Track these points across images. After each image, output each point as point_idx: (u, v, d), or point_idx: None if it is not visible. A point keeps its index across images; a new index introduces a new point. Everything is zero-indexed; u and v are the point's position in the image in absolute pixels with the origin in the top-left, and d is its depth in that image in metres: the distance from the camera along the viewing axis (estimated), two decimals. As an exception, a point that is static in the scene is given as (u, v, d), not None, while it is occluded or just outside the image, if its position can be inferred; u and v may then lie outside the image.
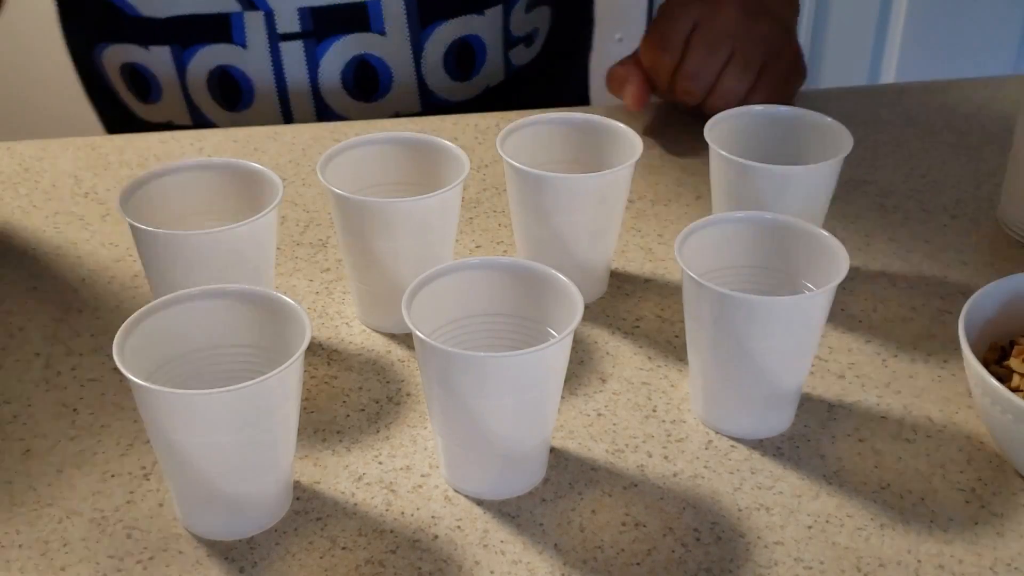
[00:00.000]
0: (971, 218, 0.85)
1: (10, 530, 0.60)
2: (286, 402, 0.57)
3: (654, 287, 0.78)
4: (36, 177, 0.89)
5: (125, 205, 0.68)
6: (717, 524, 0.61)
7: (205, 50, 0.97)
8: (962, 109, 0.99)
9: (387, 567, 0.58)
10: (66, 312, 0.75)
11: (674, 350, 0.72)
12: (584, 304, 0.60)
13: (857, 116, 0.96)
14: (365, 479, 0.63)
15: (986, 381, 0.61)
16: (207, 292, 0.61)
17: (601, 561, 0.58)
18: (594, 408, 0.68)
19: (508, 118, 0.94)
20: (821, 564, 0.58)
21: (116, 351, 0.56)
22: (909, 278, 0.79)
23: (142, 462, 0.64)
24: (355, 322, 0.75)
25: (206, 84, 1.00)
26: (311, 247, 0.81)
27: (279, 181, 0.69)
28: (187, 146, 0.93)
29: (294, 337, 0.58)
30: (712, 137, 0.74)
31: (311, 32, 0.97)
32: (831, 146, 0.75)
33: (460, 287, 0.63)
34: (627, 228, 0.83)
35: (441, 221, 0.70)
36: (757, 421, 0.66)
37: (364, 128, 0.94)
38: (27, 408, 0.68)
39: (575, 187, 0.71)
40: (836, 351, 0.72)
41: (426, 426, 0.66)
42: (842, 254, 0.63)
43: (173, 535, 0.60)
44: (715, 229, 0.67)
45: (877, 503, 0.62)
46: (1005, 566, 0.58)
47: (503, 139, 0.73)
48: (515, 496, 0.62)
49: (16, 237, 0.82)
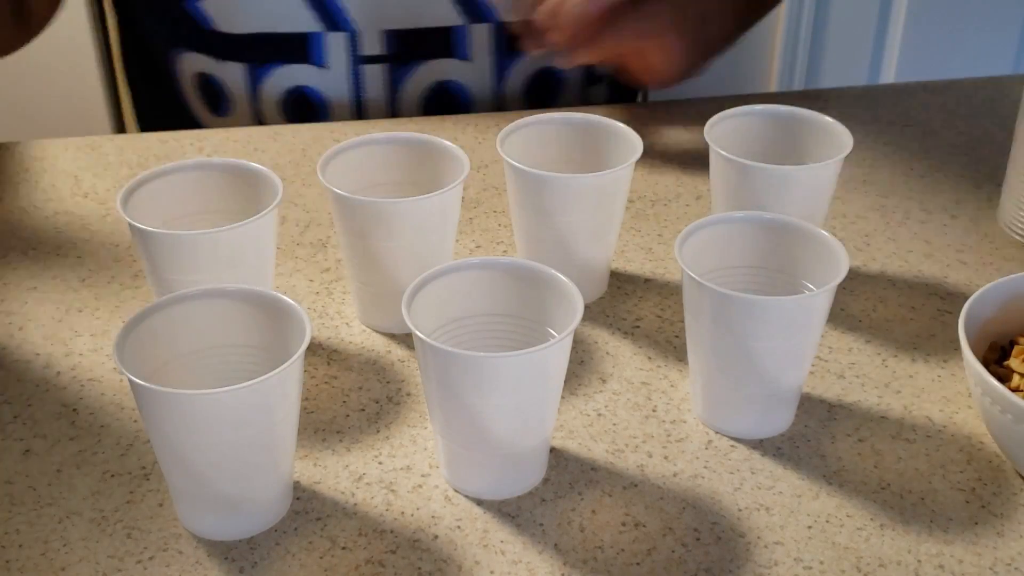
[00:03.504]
0: (971, 218, 0.85)
1: (10, 530, 0.60)
2: (286, 402, 0.57)
3: (654, 287, 0.78)
4: (36, 177, 0.89)
5: (125, 205, 0.68)
6: (717, 524, 0.61)
7: (281, 69, 0.96)
8: (962, 109, 0.99)
9: (387, 567, 0.58)
10: (66, 312, 0.75)
11: (674, 350, 0.72)
12: (584, 304, 0.60)
13: (857, 116, 0.96)
14: (365, 479, 0.63)
15: (986, 381, 0.61)
16: (207, 292, 0.61)
17: (601, 561, 0.58)
18: (594, 408, 0.68)
19: (508, 118, 0.94)
20: (821, 564, 0.58)
21: (116, 351, 0.56)
22: (909, 278, 0.79)
23: (142, 462, 0.64)
24: (355, 322, 0.75)
25: (280, 103, 0.98)
26: (311, 247, 0.81)
27: (279, 181, 0.69)
28: (187, 146, 0.93)
29: (294, 337, 0.58)
30: (712, 137, 0.74)
31: (394, 55, 0.96)
32: (831, 146, 0.75)
33: (460, 287, 0.63)
34: (627, 228, 0.83)
35: (441, 221, 0.70)
36: (757, 421, 0.66)
37: (364, 128, 0.94)
38: (27, 408, 0.68)
39: (575, 187, 0.71)
40: (836, 351, 0.72)
41: (426, 426, 0.66)
42: (842, 254, 0.63)
43: (173, 535, 0.60)
44: (715, 229, 0.67)
45: (877, 503, 0.62)
46: (1005, 566, 0.58)
47: (503, 139, 0.73)
48: (515, 496, 0.62)
49: (16, 237, 0.82)
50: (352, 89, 0.97)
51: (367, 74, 0.96)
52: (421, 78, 0.97)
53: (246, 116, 1.00)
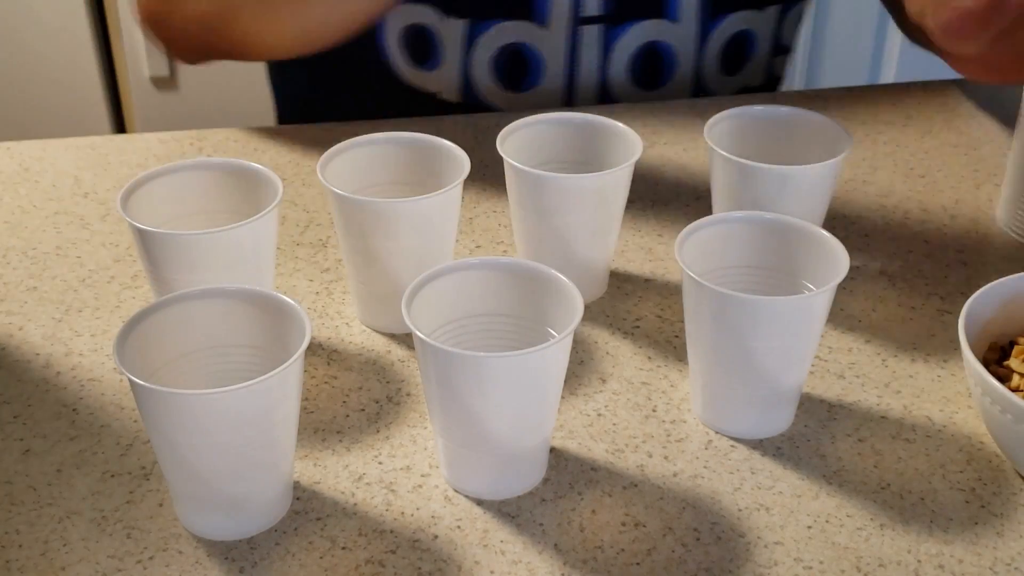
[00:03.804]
0: (971, 218, 0.85)
1: (10, 530, 0.60)
2: (286, 402, 0.57)
3: (654, 287, 0.78)
4: (36, 177, 0.89)
5: (125, 205, 0.68)
6: (717, 524, 0.61)
7: (500, 25, 0.96)
8: (962, 109, 0.99)
9: (387, 567, 0.58)
10: (66, 312, 0.75)
11: (674, 350, 0.72)
12: (584, 304, 0.60)
13: (857, 116, 0.96)
14: (365, 479, 0.63)
15: (986, 381, 0.61)
16: (207, 292, 0.61)
17: (601, 561, 0.58)
18: (594, 408, 0.68)
19: (508, 118, 0.94)
20: (821, 564, 0.58)
21: (116, 351, 0.56)
22: (909, 278, 0.79)
23: (142, 462, 0.64)
24: (355, 322, 0.75)
25: (492, 61, 0.98)
26: (311, 247, 0.81)
27: (279, 181, 0.69)
28: (187, 146, 0.93)
29: (294, 337, 0.58)
30: (712, 137, 0.74)
31: (610, 15, 0.96)
32: (831, 146, 0.75)
33: (460, 287, 0.63)
34: (627, 228, 0.83)
35: (441, 221, 0.70)
36: (757, 421, 0.66)
37: (364, 128, 0.94)
38: (27, 408, 0.68)
39: (575, 187, 0.71)
40: (836, 351, 0.72)
41: (426, 426, 0.66)
42: (842, 254, 0.63)
43: (173, 535, 0.60)
44: (715, 229, 0.67)
45: (877, 503, 0.62)
46: (1005, 566, 0.58)
47: (503, 139, 0.73)
48: (515, 496, 0.62)
49: (16, 237, 0.82)
50: (568, 49, 0.97)
51: (583, 34, 0.96)
52: (631, 40, 0.98)
53: (454, 71, 0.99)
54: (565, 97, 1.00)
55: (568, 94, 1.00)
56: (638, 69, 0.99)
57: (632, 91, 1.01)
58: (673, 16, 0.97)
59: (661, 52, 0.98)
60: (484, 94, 1.00)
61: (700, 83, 1.02)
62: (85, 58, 1.85)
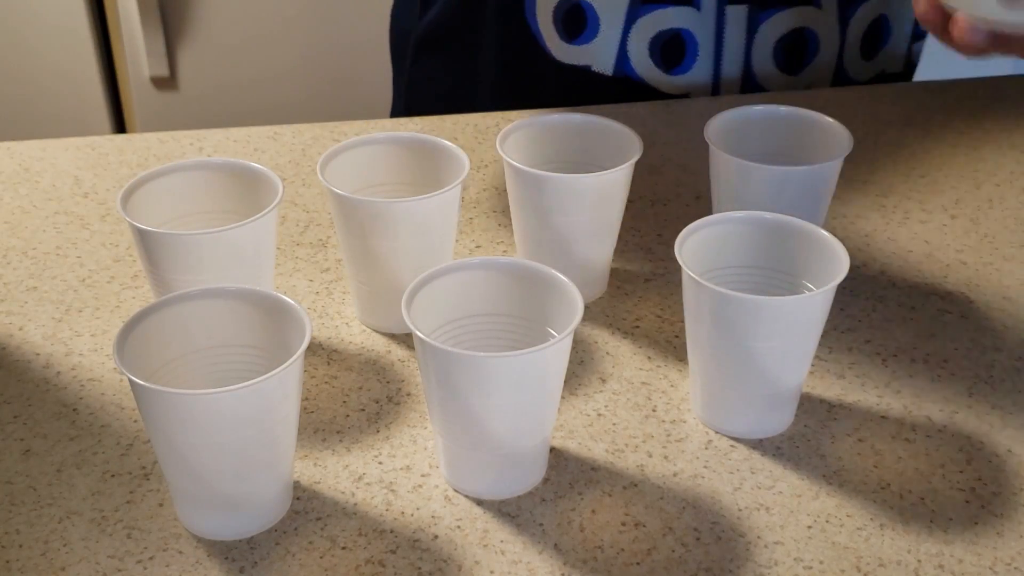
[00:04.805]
0: (971, 218, 0.85)
1: (10, 530, 0.60)
2: (286, 402, 0.57)
3: (654, 287, 0.78)
4: (36, 177, 0.89)
5: (125, 205, 0.68)
6: (717, 524, 0.61)
7: (659, 12, 0.96)
8: (962, 109, 0.99)
9: (387, 567, 0.58)
10: (66, 312, 0.75)
11: (674, 350, 0.72)
12: (584, 304, 0.60)
13: (857, 116, 0.96)
14: (365, 479, 0.63)
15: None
16: (207, 292, 0.61)
17: (601, 561, 0.59)
18: (594, 408, 0.68)
19: (508, 118, 0.94)
20: (821, 564, 0.58)
21: (116, 351, 0.56)
22: (909, 278, 0.79)
23: (142, 462, 0.64)
24: (355, 322, 0.75)
25: (648, 44, 0.98)
26: (311, 247, 0.81)
27: (279, 181, 0.69)
28: (187, 146, 0.93)
29: (294, 337, 0.58)
30: (712, 137, 0.74)
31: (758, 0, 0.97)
32: (831, 146, 0.75)
33: (460, 287, 0.63)
34: (627, 228, 0.83)
35: (441, 221, 0.70)
36: (757, 421, 0.66)
37: (364, 128, 0.94)
38: (27, 408, 0.68)
39: (575, 187, 0.71)
40: (836, 351, 0.72)
41: (426, 426, 0.66)
42: (842, 254, 0.63)
43: (173, 535, 0.60)
44: (715, 229, 0.67)
45: (877, 503, 0.62)
46: (1005, 566, 0.58)
47: (503, 139, 0.73)
48: (515, 496, 0.62)
49: (16, 237, 0.82)
50: (715, 30, 0.97)
51: (730, 15, 0.97)
52: (776, 25, 0.98)
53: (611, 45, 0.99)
54: (713, 79, 1.00)
55: (715, 77, 1.00)
56: (781, 55, 1.00)
57: (775, 76, 1.01)
58: (816, 3, 0.98)
59: (807, 38, 0.99)
60: (637, 69, 1.00)
61: (841, 69, 1.03)
62: (85, 58, 1.85)
